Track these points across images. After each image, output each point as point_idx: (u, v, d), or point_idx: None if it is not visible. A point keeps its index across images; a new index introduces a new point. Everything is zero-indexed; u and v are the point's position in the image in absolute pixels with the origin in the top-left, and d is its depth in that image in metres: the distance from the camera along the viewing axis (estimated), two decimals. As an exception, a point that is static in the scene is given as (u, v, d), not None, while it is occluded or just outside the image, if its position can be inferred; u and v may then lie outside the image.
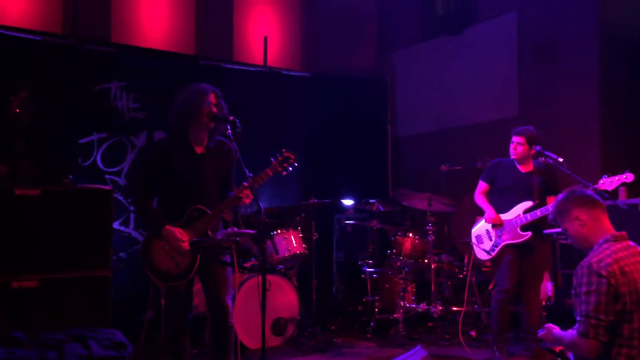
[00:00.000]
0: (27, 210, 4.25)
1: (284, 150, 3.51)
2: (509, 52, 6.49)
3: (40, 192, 4.29)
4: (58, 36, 5.55)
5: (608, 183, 4.26)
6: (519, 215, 4.57)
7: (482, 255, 4.71)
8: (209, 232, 3.43)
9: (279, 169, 3.45)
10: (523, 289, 4.70)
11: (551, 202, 4.70)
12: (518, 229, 4.55)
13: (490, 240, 4.66)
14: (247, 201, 3.37)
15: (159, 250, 3.39)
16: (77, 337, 2.80)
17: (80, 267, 4.37)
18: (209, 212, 3.42)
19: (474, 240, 4.76)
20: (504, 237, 4.60)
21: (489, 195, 4.82)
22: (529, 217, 4.52)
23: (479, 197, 4.84)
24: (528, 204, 4.58)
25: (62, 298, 4.26)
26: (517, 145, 4.72)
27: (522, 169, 4.79)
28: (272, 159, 3.49)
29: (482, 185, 4.87)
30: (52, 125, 5.23)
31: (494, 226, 4.65)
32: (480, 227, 4.77)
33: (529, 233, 4.53)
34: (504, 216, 4.63)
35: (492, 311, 4.65)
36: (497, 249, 4.61)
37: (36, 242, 4.25)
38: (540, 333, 2.66)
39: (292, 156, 3.47)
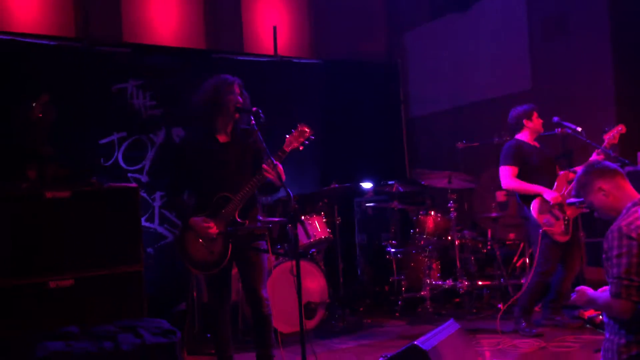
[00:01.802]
0: (58, 212, 4.37)
1: (298, 124, 3.52)
2: (519, 26, 6.50)
3: (70, 194, 4.41)
4: (71, 40, 5.63)
5: (611, 138, 4.47)
6: (568, 187, 4.56)
7: (560, 238, 4.55)
8: (237, 217, 3.46)
9: (295, 144, 3.47)
10: (564, 259, 4.71)
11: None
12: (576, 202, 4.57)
13: (558, 219, 4.55)
14: (270, 176, 3.36)
15: (193, 241, 3.48)
16: (127, 327, 2.91)
17: (113, 263, 4.50)
18: (234, 198, 3.47)
19: (545, 225, 4.55)
20: (568, 212, 4.55)
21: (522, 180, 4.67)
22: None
23: (516, 182, 4.64)
24: (568, 174, 4.63)
25: (98, 295, 4.39)
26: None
27: (537, 144, 4.84)
28: (287, 136, 3.51)
29: (513, 170, 4.67)
30: (73, 128, 5.32)
31: (555, 205, 4.54)
32: (542, 209, 4.57)
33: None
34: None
35: (530, 288, 4.63)
36: (570, 227, 4.56)
37: (69, 242, 4.37)
38: (573, 296, 2.72)
39: (307, 129, 3.49)
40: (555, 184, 4.64)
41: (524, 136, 4.84)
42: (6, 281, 4.14)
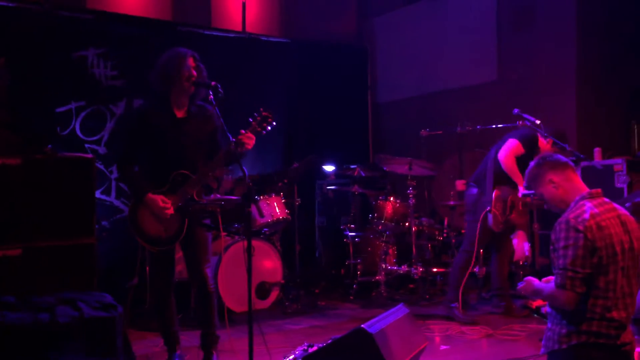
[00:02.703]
0: (8, 179, 4.22)
1: (261, 109, 3.47)
2: (487, 16, 6.52)
3: (21, 161, 4.25)
4: (32, 2, 5.41)
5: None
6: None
7: (496, 227, 4.63)
8: (195, 196, 3.43)
9: (258, 129, 3.42)
10: (497, 247, 4.88)
11: None
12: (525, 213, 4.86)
13: (504, 214, 4.67)
14: (249, 146, 3.33)
15: (147, 216, 3.41)
16: (67, 300, 2.83)
17: (64, 235, 4.36)
18: (193, 177, 3.42)
19: (495, 208, 4.59)
20: (513, 216, 4.72)
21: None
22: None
23: (514, 161, 4.58)
24: None
25: (47, 266, 4.25)
26: None
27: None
28: (250, 119, 3.47)
29: (519, 150, 4.60)
30: (29, 94, 5.14)
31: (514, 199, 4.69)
32: (501, 197, 4.64)
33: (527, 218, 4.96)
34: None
35: (456, 270, 4.73)
36: (505, 225, 4.76)
37: (19, 211, 4.22)
38: (520, 285, 2.75)
39: (269, 115, 3.44)
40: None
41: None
42: (-51, 248, 3.99)
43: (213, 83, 3.38)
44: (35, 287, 4.04)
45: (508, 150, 4.61)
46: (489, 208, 4.59)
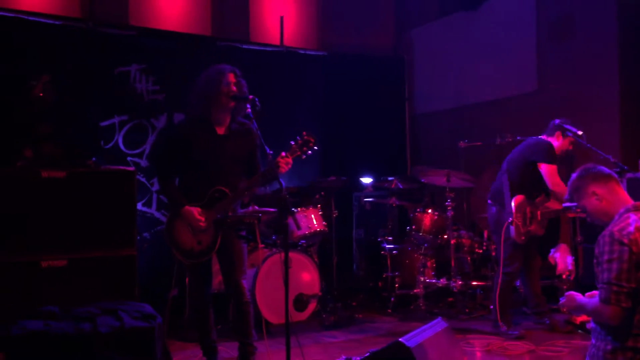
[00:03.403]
0: (54, 192, 4.35)
1: (304, 133, 3.48)
2: (527, 26, 6.42)
3: (65, 174, 4.39)
4: (77, 20, 5.59)
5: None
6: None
7: (519, 238, 4.55)
8: (230, 213, 3.48)
9: (298, 152, 3.44)
10: (524, 264, 4.75)
11: None
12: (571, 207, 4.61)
13: (525, 224, 4.62)
14: (283, 170, 3.36)
15: (182, 228, 3.46)
16: (108, 310, 2.89)
17: (107, 246, 4.47)
18: (230, 195, 3.46)
19: (518, 218, 4.56)
20: (532, 228, 4.62)
21: (530, 176, 4.62)
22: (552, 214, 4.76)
23: (561, 182, 4.51)
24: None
25: (90, 277, 4.37)
26: None
27: None
28: (291, 142, 3.48)
29: (556, 170, 4.59)
30: (74, 109, 5.29)
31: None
32: (520, 206, 4.60)
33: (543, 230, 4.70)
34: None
35: (498, 289, 4.63)
36: (528, 236, 4.64)
37: (64, 223, 4.35)
38: (563, 300, 2.68)
39: (312, 139, 3.46)
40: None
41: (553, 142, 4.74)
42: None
43: (251, 97, 3.43)
44: (79, 296, 4.15)
45: (553, 177, 4.55)
46: (510, 219, 4.52)
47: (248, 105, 3.42)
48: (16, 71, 5.00)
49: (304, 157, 3.47)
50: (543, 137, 4.78)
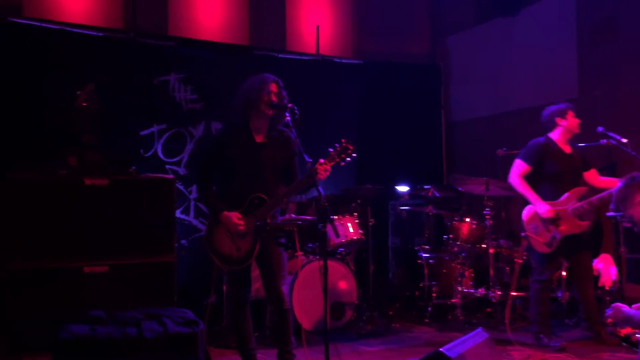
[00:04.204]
0: (96, 199, 4.47)
1: (343, 140, 3.49)
2: (567, 31, 6.32)
3: (108, 182, 4.50)
4: (119, 31, 5.73)
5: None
6: (576, 204, 4.41)
7: (541, 248, 4.49)
8: (269, 220, 3.51)
9: (337, 159, 3.45)
10: (574, 272, 4.63)
11: (597, 183, 4.60)
12: (576, 219, 4.42)
13: (548, 231, 4.44)
14: (322, 177, 3.36)
15: (222, 235, 3.49)
16: (152, 315, 2.94)
17: (146, 253, 4.57)
18: (269, 201, 3.50)
19: (530, 231, 4.50)
20: (562, 228, 4.42)
21: (533, 181, 4.54)
22: (585, 206, 4.38)
23: (521, 182, 4.52)
24: (581, 190, 4.46)
25: (130, 282, 4.47)
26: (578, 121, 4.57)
27: (566, 150, 4.66)
28: (330, 150, 3.49)
29: (523, 167, 4.55)
30: (115, 118, 5.40)
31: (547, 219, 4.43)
32: (533, 216, 4.51)
33: (588, 222, 4.41)
34: (557, 205, 4.45)
35: (534, 300, 4.57)
36: (556, 242, 4.43)
37: (105, 229, 4.46)
38: (608, 312, 2.62)
39: (350, 147, 3.46)
40: (566, 195, 4.48)
41: (555, 135, 4.67)
42: (43, 263, 4.25)
43: (289, 105, 3.46)
44: (119, 301, 4.24)
45: (513, 173, 4.58)
46: (524, 234, 4.46)
47: (287, 114, 3.46)
48: (61, 81, 5.15)
49: (343, 164, 3.48)
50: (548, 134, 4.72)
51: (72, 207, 4.40)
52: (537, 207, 4.45)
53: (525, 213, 4.56)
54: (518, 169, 4.59)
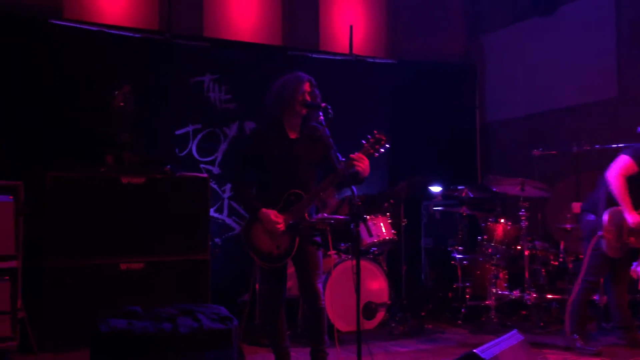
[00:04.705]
0: (133, 197, 4.57)
1: (375, 131, 3.51)
2: (606, 29, 6.19)
3: (144, 180, 4.60)
4: (155, 32, 5.82)
5: None
6: None
7: (613, 252, 4.32)
8: (306, 215, 3.52)
9: (371, 150, 3.46)
10: (614, 276, 4.56)
11: None
12: None
13: (620, 237, 4.31)
14: (360, 168, 3.36)
15: (260, 232, 3.51)
16: (187, 311, 2.99)
17: (181, 251, 4.66)
18: (305, 197, 3.51)
19: (606, 232, 4.30)
20: (632, 239, 4.30)
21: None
22: None
23: (622, 182, 4.23)
24: None
25: (165, 279, 4.56)
26: None
27: None
28: (363, 142, 3.50)
29: (631, 167, 4.24)
30: (151, 118, 5.52)
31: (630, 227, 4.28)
32: (615, 219, 4.30)
33: None
34: None
35: (576, 299, 4.48)
36: (625, 250, 4.34)
37: (141, 227, 4.56)
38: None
39: (383, 137, 3.48)
40: None
41: None
42: (81, 261, 4.36)
43: (323, 104, 3.47)
44: (155, 298, 4.33)
45: (617, 169, 4.29)
46: (600, 233, 4.33)
47: (320, 113, 3.47)
48: (99, 82, 5.26)
49: (377, 155, 3.48)
50: None
51: (109, 206, 4.50)
52: (628, 214, 4.27)
53: (607, 214, 4.36)
54: (624, 166, 4.28)
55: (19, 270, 4.16)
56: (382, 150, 3.47)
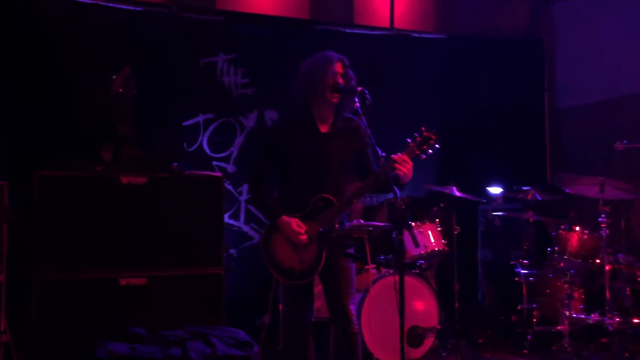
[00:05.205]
0: (134, 199, 4.60)
1: (423, 129, 3.49)
2: None
3: (146, 180, 4.63)
4: (159, 5, 5.89)
5: None
6: None
7: None
8: (337, 225, 3.52)
9: (417, 151, 3.45)
10: None
11: None
12: None
13: None
14: (400, 171, 3.37)
15: (281, 243, 3.52)
16: (198, 334, 3.02)
17: (190, 263, 4.67)
18: (336, 203, 3.51)
19: None
20: None
21: None
22: None
23: None
24: None
25: (172, 297, 4.57)
26: None
27: None
28: (408, 140, 3.49)
29: None
30: (155, 106, 5.56)
31: None
32: None
33: None
34: None
35: None
36: None
37: (144, 235, 4.59)
38: None
39: (433, 136, 3.46)
40: None
41: None
42: (74, 274, 4.42)
43: (359, 89, 3.46)
44: (159, 318, 4.35)
45: None
46: None
47: (356, 99, 3.46)
48: (94, 64, 5.33)
49: (424, 157, 3.47)
50: None
51: (107, 210, 4.54)
52: None
53: None
54: None
55: (2, 285, 4.23)
56: (431, 151, 3.47)
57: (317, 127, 3.63)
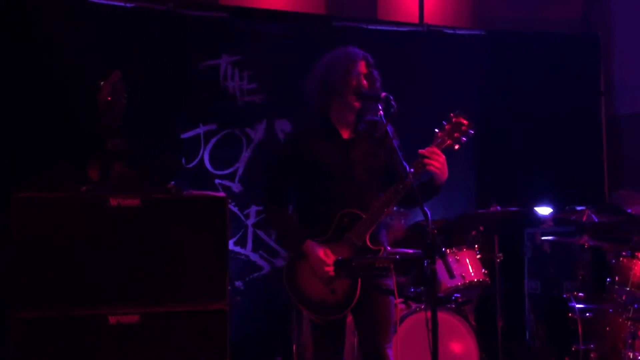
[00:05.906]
0: (125, 224, 4.64)
1: (452, 115, 3.51)
2: None
3: (139, 202, 4.67)
4: (154, 1, 5.92)
5: None
6: None
7: None
8: (368, 242, 3.49)
9: (448, 141, 3.46)
10: None
11: None
12: None
13: None
14: (433, 167, 3.36)
15: (307, 273, 3.54)
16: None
17: (189, 298, 4.69)
18: (364, 216, 3.49)
19: None
20: None
21: None
22: None
23: None
24: None
25: (168, 336, 4.61)
26: None
27: None
28: (436, 130, 3.50)
29: None
30: (148, 116, 5.61)
31: None
32: None
33: None
34: None
35: None
36: None
37: (136, 266, 4.62)
38: None
39: (464, 121, 3.47)
40: None
41: None
42: (57, 311, 4.46)
43: (383, 94, 3.48)
44: (156, 361, 4.40)
45: None
46: None
47: (380, 106, 3.48)
48: (80, 69, 5.39)
49: (457, 147, 3.46)
50: None
51: (94, 236, 4.58)
52: None
53: None
54: None
55: (-24, 323, 4.28)
56: (465, 139, 3.46)
57: (337, 133, 3.65)
